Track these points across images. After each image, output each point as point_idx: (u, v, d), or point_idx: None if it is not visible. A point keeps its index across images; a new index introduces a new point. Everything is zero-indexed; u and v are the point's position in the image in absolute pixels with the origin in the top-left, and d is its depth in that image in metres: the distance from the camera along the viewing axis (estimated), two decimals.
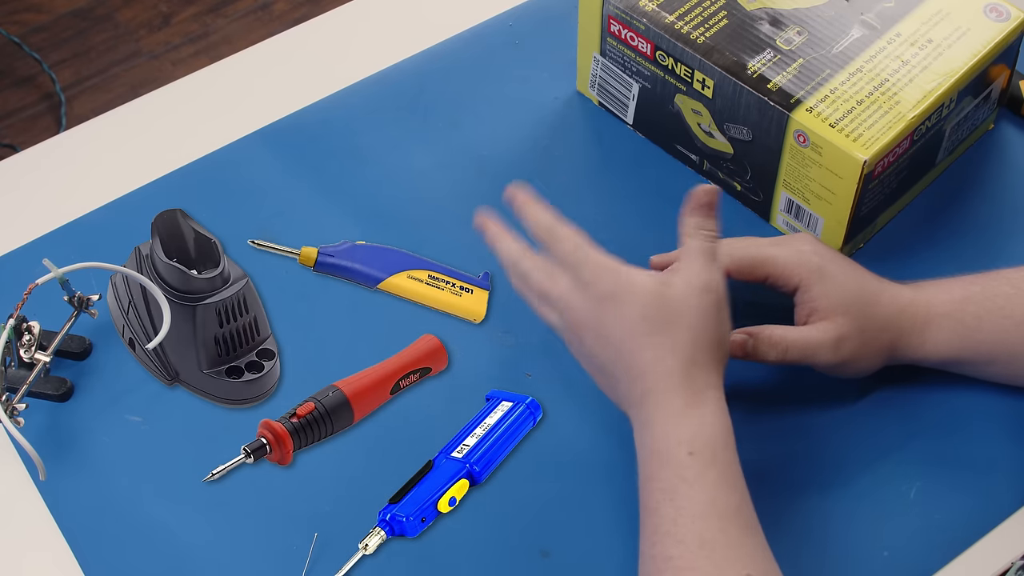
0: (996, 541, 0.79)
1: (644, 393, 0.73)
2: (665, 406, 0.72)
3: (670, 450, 0.71)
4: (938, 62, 0.89)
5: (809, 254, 0.81)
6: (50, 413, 0.84)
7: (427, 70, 1.05)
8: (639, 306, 0.73)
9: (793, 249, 0.82)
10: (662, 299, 0.73)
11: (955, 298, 0.81)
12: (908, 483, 0.81)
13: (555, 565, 0.78)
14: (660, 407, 0.72)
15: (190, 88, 1.05)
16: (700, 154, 0.96)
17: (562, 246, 0.76)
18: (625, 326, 0.73)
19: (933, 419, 0.84)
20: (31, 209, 0.96)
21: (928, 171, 0.95)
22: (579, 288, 0.75)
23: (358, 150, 0.99)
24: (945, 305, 0.81)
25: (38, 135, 2.03)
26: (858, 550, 0.79)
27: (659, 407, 0.72)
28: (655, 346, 0.72)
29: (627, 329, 0.73)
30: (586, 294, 0.74)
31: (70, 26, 2.20)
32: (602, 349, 0.75)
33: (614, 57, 0.96)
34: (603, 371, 0.76)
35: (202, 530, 0.79)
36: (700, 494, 0.69)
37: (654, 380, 0.72)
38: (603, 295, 0.74)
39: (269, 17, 2.22)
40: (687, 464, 0.70)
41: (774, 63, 0.89)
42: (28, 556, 0.80)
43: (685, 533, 0.69)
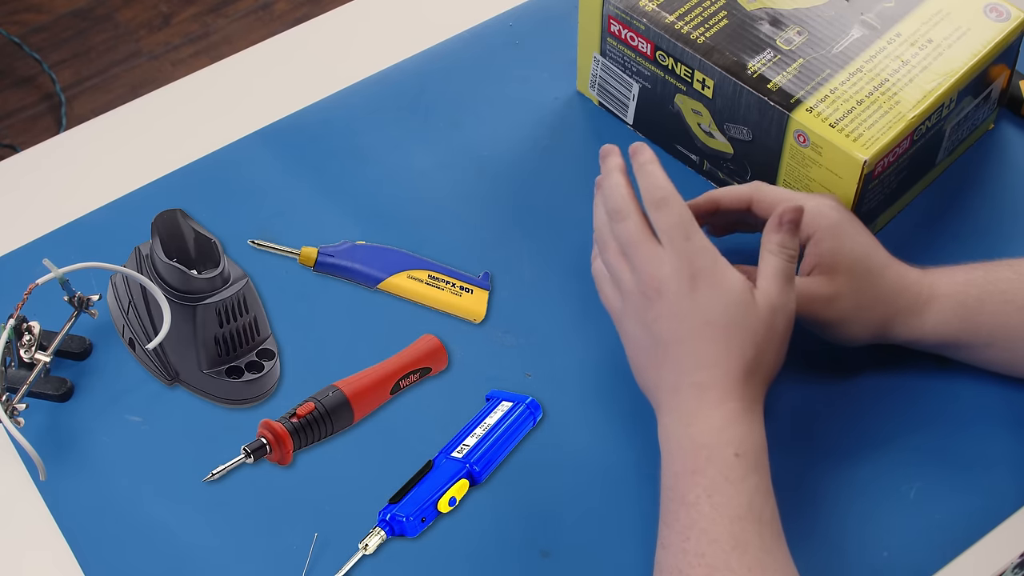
0: (996, 541, 0.79)
1: (697, 385, 0.73)
2: (719, 405, 0.72)
3: (718, 448, 0.71)
4: (938, 62, 0.89)
5: (829, 209, 0.81)
6: (50, 413, 0.84)
7: (427, 70, 1.05)
8: (725, 299, 0.73)
9: (816, 201, 0.82)
10: (747, 304, 0.73)
11: (957, 280, 0.82)
12: (908, 483, 0.81)
13: (555, 565, 0.78)
14: (713, 404, 0.72)
15: (190, 88, 1.05)
16: (700, 154, 0.96)
17: (670, 214, 0.74)
18: (705, 312, 0.73)
19: (933, 419, 0.84)
20: (31, 209, 0.96)
21: (928, 171, 0.95)
22: (673, 257, 0.73)
23: (358, 150, 0.99)
24: (947, 287, 0.82)
25: (38, 135, 2.03)
26: (858, 550, 0.79)
27: (712, 404, 0.72)
28: (726, 343, 0.73)
29: (706, 316, 0.73)
30: (678, 265, 0.73)
31: (70, 26, 2.20)
32: (668, 324, 0.74)
33: (614, 57, 0.96)
34: (652, 347, 0.75)
35: (202, 530, 0.79)
36: (741, 496, 0.70)
37: (713, 376, 0.72)
38: (696, 273, 0.73)
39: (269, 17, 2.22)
40: (733, 465, 0.70)
41: (774, 63, 0.89)
42: (28, 556, 0.80)
43: (720, 532, 0.69)
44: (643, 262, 0.75)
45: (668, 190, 0.75)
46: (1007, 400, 0.84)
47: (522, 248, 0.93)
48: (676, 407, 0.73)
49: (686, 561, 0.69)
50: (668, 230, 0.74)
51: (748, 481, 0.70)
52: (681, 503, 0.71)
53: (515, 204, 0.96)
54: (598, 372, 0.86)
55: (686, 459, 0.72)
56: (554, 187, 0.97)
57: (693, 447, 0.72)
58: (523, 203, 0.96)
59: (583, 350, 0.88)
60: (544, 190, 0.97)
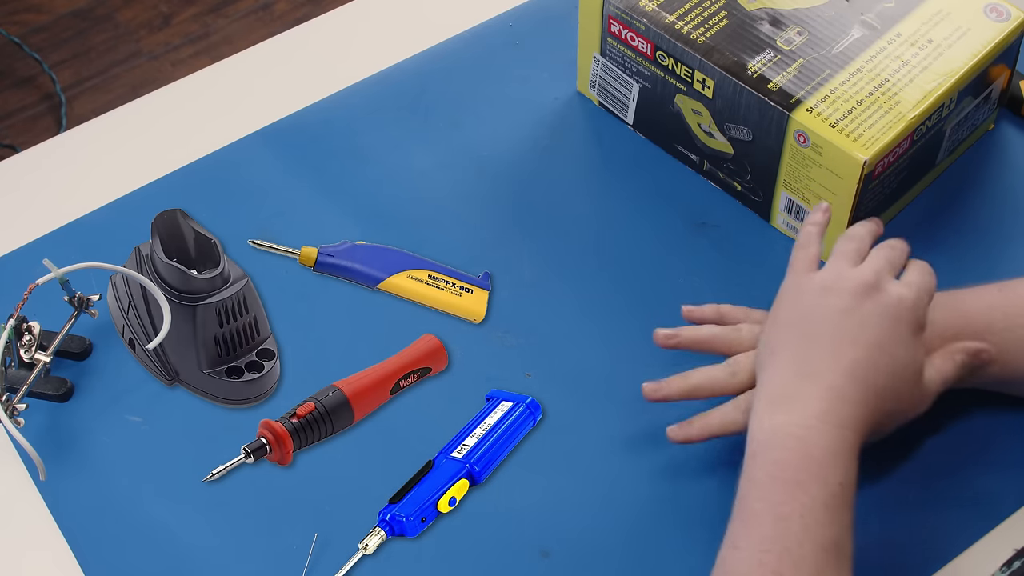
0: (996, 541, 0.79)
1: (837, 398, 0.72)
2: (842, 427, 0.71)
3: (830, 470, 0.70)
4: (938, 62, 0.89)
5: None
6: (50, 413, 0.84)
7: (427, 70, 1.05)
8: (909, 324, 0.74)
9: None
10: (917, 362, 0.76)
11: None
12: (908, 483, 0.81)
13: (555, 565, 0.78)
14: (837, 424, 0.71)
15: (190, 88, 1.05)
16: (700, 154, 0.96)
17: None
18: (877, 338, 0.73)
19: (933, 420, 0.84)
20: (31, 209, 0.96)
21: (928, 171, 0.95)
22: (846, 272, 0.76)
23: (359, 150, 0.99)
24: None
25: (38, 135, 2.03)
26: (858, 550, 0.78)
27: (836, 423, 0.71)
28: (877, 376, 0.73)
29: (878, 342, 0.73)
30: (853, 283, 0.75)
31: (70, 26, 2.20)
32: (869, 325, 0.74)
33: (614, 57, 0.96)
34: (800, 344, 0.74)
35: (202, 530, 0.79)
36: (834, 527, 0.68)
37: (854, 396, 0.72)
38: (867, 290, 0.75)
39: (270, 17, 2.22)
40: (836, 494, 0.69)
41: (774, 63, 0.89)
42: (28, 556, 0.80)
43: (803, 558, 0.67)
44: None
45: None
46: (1007, 400, 0.84)
47: (522, 248, 0.93)
48: (803, 408, 0.71)
49: (760, 572, 0.67)
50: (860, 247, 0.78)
51: (843, 515, 0.69)
52: (772, 512, 0.69)
53: (515, 204, 0.96)
54: (598, 372, 0.86)
55: (791, 467, 0.70)
56: (554, 187, 0.97)
57: (804, 459, 0.70)
58: (523, 203, 0.96)
59: (583, 350, 0.88)
60: (544, 190, 0.97)
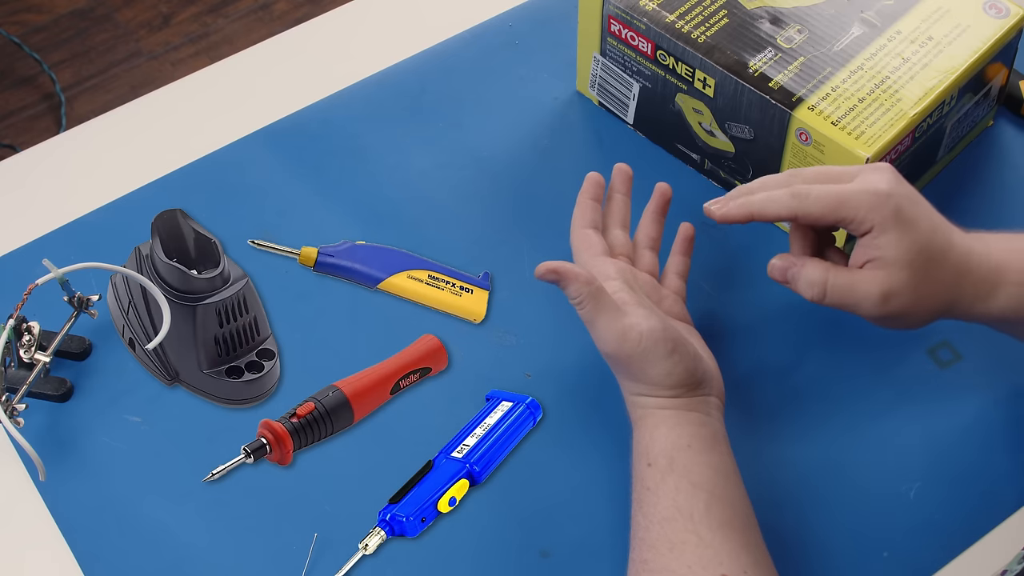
0: (996, 541, 0.79)
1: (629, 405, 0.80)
2: (635, 421, 0.78)
3: (635, 461, 0.76)
4: (939, 59, 0.89)
5: (886, 197, 0.73)
6: (50, 413, 0.84)
7: (427, 70, 1.05)
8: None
9: (870, 190, 0.74)
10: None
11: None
12: (908, 483, 0.81)
13: (555, 565, 0.78)
14: (634, 421, 0.78)
15: (190, 88, 1.05)
16: (701, 153, 0.96)
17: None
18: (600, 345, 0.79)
19: (933, 420, 0.84)
20: (31, 209, 0.96)
21: (929, 168, 0.95)
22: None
23: (358, 150, 0.99)
24: (1015, 275, 0.76)
25: (38, 135, 2.03)
26: (858, 550, 0.78)
27: (635, 420, 0.78)
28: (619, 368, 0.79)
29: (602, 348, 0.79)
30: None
31: (70, 26, 2.20)
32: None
33: (614, 57, 0.96)
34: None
35: (202, 530, 0.79)
36: (662, 500, 0.72)
37: (630, 397, 0.79)
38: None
39: (269, 17, 2.22)
40: (646, 475, 0.74)
41: (775, 62, 0.89)
42: (28, 556, 0.79)
43: (654, 538, 0.71)
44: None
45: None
46: (1007, 400, 0.84)
47: (522, 248, 0.93)
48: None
49: (635, 570, 0.72)
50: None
51: (666, 484, 0.73)
52: (631, 519, 0.75)
53: (515, 204, 0.96)
54: (598, 372, 0.86)
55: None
56: (554, 187, 0.97)
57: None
58: (523, 203, 0.96)
59: (583, 350, 0.87)
60: (544, 190, 0.97)
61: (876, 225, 0.74)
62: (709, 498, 0.72)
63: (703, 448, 0.74)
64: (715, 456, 0.74)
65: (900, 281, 0.74)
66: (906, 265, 0.74)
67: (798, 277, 0.77)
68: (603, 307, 0.75)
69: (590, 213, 0.85)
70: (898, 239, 0.73)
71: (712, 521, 0.71)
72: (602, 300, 0.75)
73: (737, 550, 0.70)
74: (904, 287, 0.74)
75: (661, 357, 0.75)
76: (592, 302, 0.75)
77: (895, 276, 0.74)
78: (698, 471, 0.73)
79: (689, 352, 0.76)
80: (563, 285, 0.75)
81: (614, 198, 0.88)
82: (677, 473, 0.73)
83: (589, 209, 0.85)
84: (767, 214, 0.77)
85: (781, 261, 0.78)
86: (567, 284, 0.75)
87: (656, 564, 0.70)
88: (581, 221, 0.84)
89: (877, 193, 0.74)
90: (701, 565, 0.69)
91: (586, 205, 0.85)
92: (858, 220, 0.74)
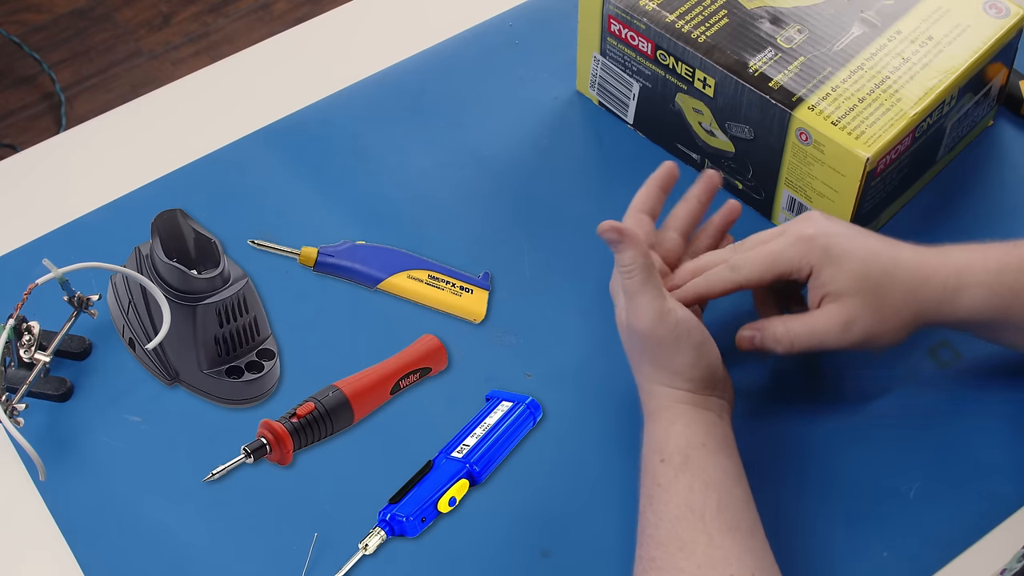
0: (996, 541, 0.79)
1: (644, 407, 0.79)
2: (648, 416, 0.77)
3: (647, 457, 0.75)
4: (939, 59, 0.89)
5: (812, 239, 0.77)
6: (50, 413, 0.84)
7: (427, 70, 1.05)
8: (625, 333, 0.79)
9: (795, 238, 0.78)
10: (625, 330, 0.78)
11: (990, 268, 0.78)
12: (908, 483, 0.81)
13: (555, 565, 0.78)
14: (647, 416, 0.77)
15: (190, 88, 1.05)
16: (701, 153, 0.96)
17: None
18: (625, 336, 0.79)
19: (933, 419, 0.84)
20: (31, 209, 0.96)
21: (929, 168, 0.95)
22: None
23: (359, 150, 0.99)
24: (979, 275, 0.77)
25: (38, 135, 2.03)
26: (858, 550, 0.78)
27: (646, 415, 0.77)
28: (634, 369, 0.79)
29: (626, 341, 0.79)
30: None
31: (70, 26, 2.20)
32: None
33: (614, 57, 0.96)
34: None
35: (202, 530, 0.79)
36: (676, 498, 0.72)
37: (643, 391, 0.78)
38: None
39: (270, 17, 2.22)
40: (660, 471, 0.73)
41: (775, 61, 0.89)
42: (28, 556, 0.79)
43: (664, 536, 0.71)
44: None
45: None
46: (1007, 400, 0.84)
47: (522, 248, 0.93)
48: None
49: (642, 568, 0.72)
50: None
51: (679, 482, 0.72)
52: (639, 513, 0.74)
53: (515, 204, 0.96)
54: (598, 372, 0.86)
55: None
56: (554, 187, 0.97)
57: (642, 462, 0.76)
58: (523, 203, 0.96)
59: (583, 350, 0.87)
60: (544, 190, 0.97)
61: (813, 266, 0.77)
62: (720, 499, 0.72)
63: (717, 448, 0.74)
64: (726, 458, 0.74)
65: (855, 308, 0.77)
66: (855, 292, 0.77)
67: (764, 340, 0.80)
68: (650, 282, 0.74)
69: (652, 200, 0.84)
70: (837, 272, 0.77)
71: (722, 523, 0.71)
72: (652, 275, 0.74)
73: (745, 553, 0.70)
74: (860, 312, 0.77)
75: (691, 347, 0.75)
76: (643, 274, 0.74)
77: (848, 304, 0.77)
78: (711, 471, 0.73)
79: (714, 351, 0.77)
80: (620, 248, 0.74)
81: (688, 200, 0.86)
82: (691, 471, 0.73)
83: (652, 196, 0.84)
84: (713, 292, 0.80)
85: (747, 331, 0.81)
86: (625, 248, 0.74)
87: (665, 563, 0.70)
88: (639, 204, 0.84)
89: (802, 238, 0.78)
90: (711, 565, 0.69)
91: (651, 191, 0.84)
92: (795, 268, 0.78)
